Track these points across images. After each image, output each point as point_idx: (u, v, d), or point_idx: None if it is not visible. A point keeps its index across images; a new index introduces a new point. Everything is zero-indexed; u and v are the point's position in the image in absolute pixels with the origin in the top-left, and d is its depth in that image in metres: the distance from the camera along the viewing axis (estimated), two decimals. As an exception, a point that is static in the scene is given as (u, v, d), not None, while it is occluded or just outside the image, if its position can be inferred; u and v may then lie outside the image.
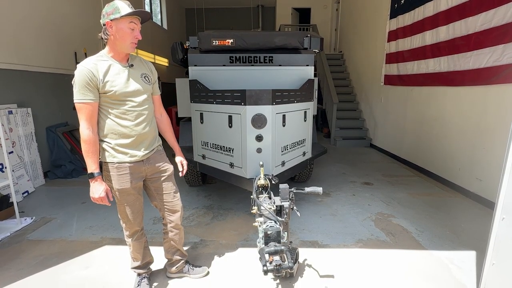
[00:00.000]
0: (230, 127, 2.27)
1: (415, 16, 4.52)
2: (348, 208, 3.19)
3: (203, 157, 2.69)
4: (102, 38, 1.52)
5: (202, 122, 2.58)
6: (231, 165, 2.35)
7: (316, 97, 3.43)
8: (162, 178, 1.75)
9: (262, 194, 1.88)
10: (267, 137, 2.18)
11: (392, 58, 5.33)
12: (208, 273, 2.05)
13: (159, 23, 10.03)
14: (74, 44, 4.83)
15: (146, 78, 1.67)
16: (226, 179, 2.51)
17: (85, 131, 1.46)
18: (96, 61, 1.48)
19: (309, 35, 2.65)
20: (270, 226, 1.47)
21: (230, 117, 2.26)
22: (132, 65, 1.60)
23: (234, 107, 2.19)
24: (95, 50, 5.55)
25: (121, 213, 1.70)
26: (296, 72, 2.71)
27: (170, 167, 1.80)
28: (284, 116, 2.31)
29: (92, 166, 1.48)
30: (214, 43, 2.50)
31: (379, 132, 6.05)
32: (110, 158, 1.56)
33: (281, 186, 1.73)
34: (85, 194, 3.58)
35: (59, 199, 3.48)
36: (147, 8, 8.58)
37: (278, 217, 1.63)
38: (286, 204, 1.71)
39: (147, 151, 1.65)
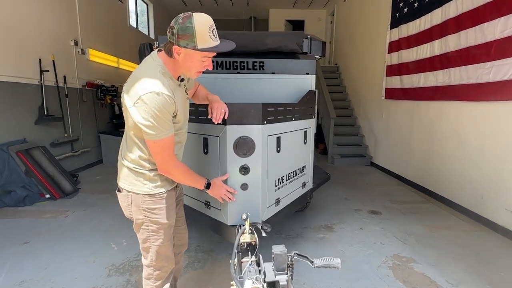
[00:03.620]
0: (206, 153, 1.69)
1: (421, 24, 4.12)
2: (356, 248, 2.60)
3: (174, 189, 2.08)
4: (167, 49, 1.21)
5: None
6: (207, 204, 1.74)
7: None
8: (179, 203, 1.56)
9: (248, 255, 1.28)
10: (256, 168, 1.59)
11: (394, 70, 4.90)
12: None
13: (146, 33, 9.56)
14: (39, 50, 4.22)
15: (186, 92, 1.40)
16: (200, 222, 1.90)
17: (178, 165, 1.31)
18: (167, 82, 1.19)
19: (309, 36, 2.13)
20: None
21: (205, 140, 1.67)
22: (183, 80, 1.32)
23: (211, 126, 1.61)
24: (65, 57, 4.94)
25: (160, 255, 1.38)
26: (294, 82, 2.16)
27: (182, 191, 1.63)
28: (278, 139, 1.74)
29: (202, 181, 1.42)
30: (188, 44, 1.95)
31: (381, 150, 5.56)
32: (158, 189, 1.31)
33: (276, 250, 1.13)
34: (32, 230, 2.89)
35: (-3, 237, 2.77)
36: (133, 17, 8.10)
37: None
38: (282, 279, 1.10)
39: None
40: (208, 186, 1.45)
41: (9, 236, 2.76)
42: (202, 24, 1.12)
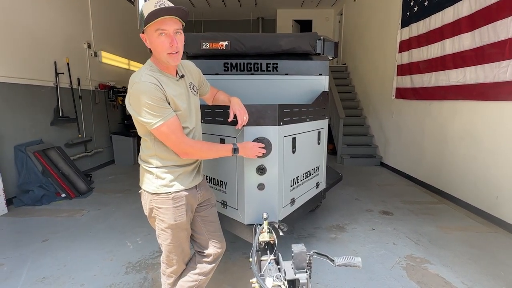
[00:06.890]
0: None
1: (433, 23, 4.07)
2: (369, 248, 2.60)
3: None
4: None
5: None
6: (224, 204, 1.78)
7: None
8: (210, 206, 1.54)
9: (267, 254, 1.30)
10: (272, 168, 1.62)
11: (405, 69, 4.86)
12: None
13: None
14: (54, 53, 4.33)
15: (194, 89, 1.43)
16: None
17: (193, 143, 1.30)
18: (151, 73, 1.21)
19: (322, 37, 2.15)
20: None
21: (222, 141, 1.71)
22: (182, 76, 1.35)
23: (228, 128, 1.64)
24: (79, 60, 5.05)
25: (171, 254, 1.41)
26: (307, 83, 2.18)
27: (214, 195, 1.61)
28: (294, 140, 1.76)
29: (227, 147, 1.41)
30: (204, 46, 1.99)
31: (391, 150, 5.51)
32: (165, 188, 1.31)
33: (295, 249, 1.15)
34: (50, 228, 2.98)
35: (17, 235, 2.86)
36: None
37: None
38: (302, 277, 1.13)
39: (201, 175, 1.48)
40: (236, 149, 1.42)
41: (29, 234, 2.85)
42: (149, 2, 1.14)
